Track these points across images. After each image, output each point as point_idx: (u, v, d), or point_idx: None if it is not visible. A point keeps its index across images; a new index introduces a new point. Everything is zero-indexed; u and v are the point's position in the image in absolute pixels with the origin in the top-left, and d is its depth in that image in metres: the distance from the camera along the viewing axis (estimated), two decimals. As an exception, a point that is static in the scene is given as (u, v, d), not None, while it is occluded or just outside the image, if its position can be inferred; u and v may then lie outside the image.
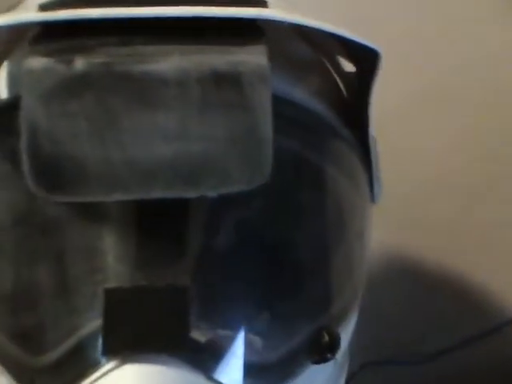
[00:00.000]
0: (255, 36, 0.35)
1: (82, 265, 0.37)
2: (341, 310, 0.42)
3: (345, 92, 0.46)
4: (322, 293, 0.41)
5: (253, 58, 0.33)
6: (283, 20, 0.35)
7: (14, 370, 0.38)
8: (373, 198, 0.46)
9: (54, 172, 0.33)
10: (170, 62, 0.33)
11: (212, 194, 0.34)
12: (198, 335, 0.36)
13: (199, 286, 0.36)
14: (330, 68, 0.47)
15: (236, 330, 0.37)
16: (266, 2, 0.36)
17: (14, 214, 0.38)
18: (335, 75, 0.47)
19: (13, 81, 0.41)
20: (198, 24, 0.34)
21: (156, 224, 0.36)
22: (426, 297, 0.72)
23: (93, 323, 0.36)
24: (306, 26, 0.35)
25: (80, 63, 0.32)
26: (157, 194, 0.33)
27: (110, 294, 0.35)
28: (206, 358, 0.36)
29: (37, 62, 0.33)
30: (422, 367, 0.69)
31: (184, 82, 0.33)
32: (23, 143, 0.32)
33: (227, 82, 0.33)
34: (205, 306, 0.36)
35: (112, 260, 0.36)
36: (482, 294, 0.73)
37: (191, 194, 0.34)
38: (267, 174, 0.33)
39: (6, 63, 0.42)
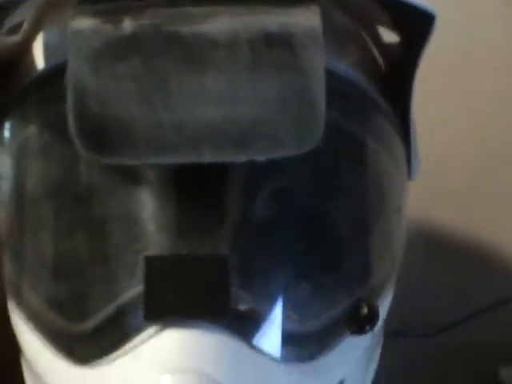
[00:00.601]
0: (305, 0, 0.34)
1: (123, 233, 0.37)
2: (379, 282, 0.41)
3: (383, 64, 0.46)
4: (362, 265, 0.40)
5: (305, 19, 0.33)
6: None
7: (52, 337, 0.38)
8: (410, 175, 0.45)
9: (101, 133, 0.32)
10: (219, 23, 0.32)
11: (261, 158, 0.33)
12: (239, 303, 0.36)
13: (239, 255, 0.36)
14: (368, 39, 0.46)
15: (275, 299, 0.37)
16: None
17: (56, 182, 0.38)
18: (373, 47, 0.46)
19: (49, 50, 0.41)
20: None
21: (196, 191, 0.36)
22: (440, 267, 0.72)
23: (133, 290, 0.36)
24: None
25: (128, 24, 0.32)
26: (206, 157, 0.33)
27: (150, 261, 0.35)
28: (247, 325, 0.36)
29: (84, 23, 0.32)
30: (435, 339, 0.69)
31: (234, 43, 0.32)
32: (70, 104, 0.32)
33: (278, 43, 0.32)
34: (245, 275, 0.36)
35: (152, 228, 0.36)
36: (498, 264, 0.73)
37: (240, 157, 0.33)
38: (318, 137, 0.33)
39: (42, 33, 0.42)
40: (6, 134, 0.41)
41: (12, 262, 0.41)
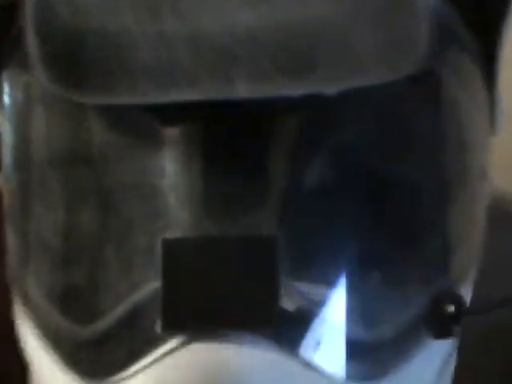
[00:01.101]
0: None
1: (137, 208, 0.29)
2: (463, 268, 0.33)
3: None
4: (443, 246, 0.32)
5: None
6: None
7: (56, 344, 0.32)
8: (494, 130, 0.36)
9: (76, 56, 0.24)
10: None
11: (330, 89, 0.24)
12: (288, 303, 0.28)
13: (289, 236, 0.28)
14: None
15: (336, 294, 0.29)
16: None
17: (59, 150, 0.31)
18: None
19: None
20: None
21: (229, 154, 0.28)
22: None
23: (149, 285, 0.28)
24: None
25: None
26: (241, 90, 0.24)
27: (170, 246, 0.27)
28: (300, 335, 0.28)
29: None
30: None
31: None
32: (30, 9, 0.23)
33: None
34: (296, 263, 0.28)
35: (173, 202, 0.28)
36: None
37: (296, 88, 0.24)
38: (420, 54, 0.24)
39: None
40: (6, 98, 0.34)
41: (15, 248, 0.35)
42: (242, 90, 0.23)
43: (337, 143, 0.29)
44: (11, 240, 0.35)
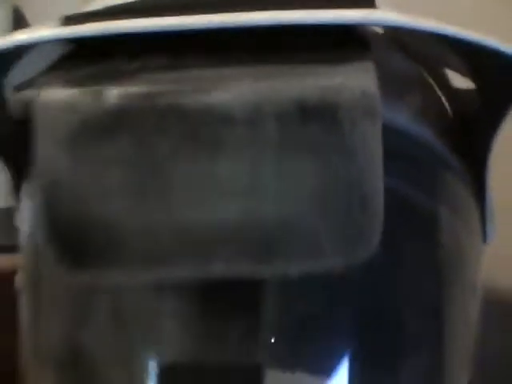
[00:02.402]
0: (356, 50, 0.26)
1: (134, 330, 0.30)
2: (455, 378, 0.34)
3: (450, 111, 0.38)
4: (430, 365, 0.33)
5: (355, 82, 0.25)
6: (406, 26, 0.26)
7: None
8: (485, 239, 0.37)
9: (80, 242, 0.25)
10: (236, 91, 0.24)
11: (293, 272, 0.25)
12: None
13: (277, 362, 0.29)
14: (433, 83, 0.39)
15: None
16: (373, 1, 0.27)
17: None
18: (439, 92, 0.39)
19: None
20: (273, 36, 0.26)
21: (222, 287, 0.28)
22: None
23: None
24: (431, 31, 0.27)
25: (113, 95, 0.24)
26: (217, 271, 0.25)
27: (165, 371, 0.29)
28: None
29: (55, 96, 0.25)
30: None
31: (256, 118, 0.24)
32: (39, 206, 0.25)
33: (317, 117, 0.24)
34: None
35: (169, 328, 0.29)
36: None
37: (264, 271, 0.26)
38: (374, 244, 0.25)
39: None
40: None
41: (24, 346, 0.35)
42: (218, 273, 0.25)
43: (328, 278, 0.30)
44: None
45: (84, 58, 0.26)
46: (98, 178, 0.25)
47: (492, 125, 0.32)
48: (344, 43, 0.26)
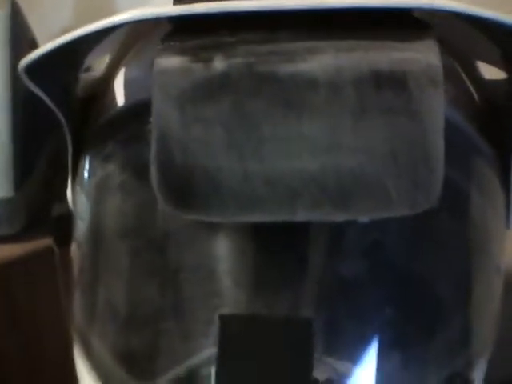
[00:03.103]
0: (422, 30, 0.30)
1: (198, 286, 0.34)
2: (477, 353, 0.37)
3: (479, 101, 0.42)
4: (460, 333, 0.36)
5: (421, 55, 0.29)
6: (464, 12, 0.30)
7: None
8: (508, 224, 0.41)
9: (184, 186, 0.29)
10: (320, 60, 0.29)
11: (365, 218, 0.30)
12: (320, 373, 0.32)
13: (323, 318, 0.32)
14: (464, 74, 0.42)
15: (363, 370, 0.33)
16: None
17: (132, 224, 0.36)
18: (469, 82, 0.42)
19: (130, 87, 0.39)
20: (352, 17, 0.30)
21: (277, 247, 0.33)
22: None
23: (207, 351, 0.33)
24: (482, 17, 0.30)
25: (218, 63, 0.29)
26: (300, 216, 0.29)
27: (225, 321, 0.32)
28: None
29: (171, 62, 0.29)
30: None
31: (337, 84, 0.28)
32: (154, 152, 0.29)
33: (390, 84, 0.28)
34: (328, 341, 0.33)
35: (229, 284, 0.33)
36: None
37: (340, 217, 0.29)
38: (435, 197, 0.29)
39: (122, 69, 0.40)
40: (85, 174, 0.39)
41: (82, 307, 0.39)
42: (301, 216, 0.29)
43: (369, 243, 0.34)
44: (78, 300, 0.39)
45: (191, 32, 0.30)
46: (202, 133, 0.29)
47: None
48: (408, 25, 0.30)
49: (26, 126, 0.62)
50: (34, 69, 0.31)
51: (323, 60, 0.29)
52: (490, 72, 0.41)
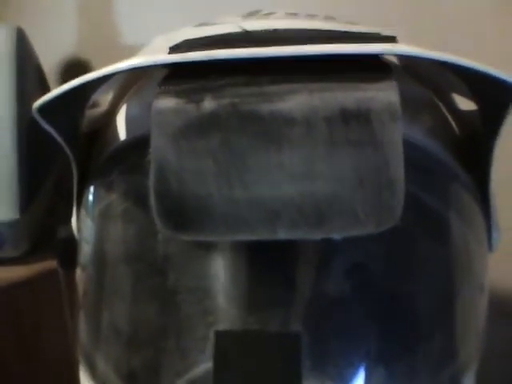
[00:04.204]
0: (383, 72, 0.33)
1: (195, 305, 0.36)
2: (462, 366, 0.39)
3: (457, 131, 0.44)
4: (444, 348, 0.38)
5: (382, 94, 0.32)
6: (420, 55, 0.33)
7: None
8: (490, 247, 0.43)
9: (180, 211, 0.32)
10: (297, 100, 0.32)
11: (337, 236, 0.33)
12: None
13: (311, 334, 0.35)
14: (442, 105, 0.45)
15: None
16: (394, 38, 0.35)
17: (134, 249, 0.39)
18: (447, 113, 0.45)
19: (131, 123, 0.42)
20: (323, 61, 0.33)
21: (268, 266, 0.35)
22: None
23: (204, 365, 0.35)
24: (445, 62, 0.33)
25: (208, 104, 0.32)
26: (280, 235, 0.32)
27: (221, 336, 0.35)
28: None
29: (167, 103, 0.32)
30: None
31: (311, 120, 0.32)
32: (152, 182, 0.32)
33: (356, 120, 0.32)
34: (316, 356, 0.35)
35: (223, 302, 0.36)
36: None
37: (316, 235, 0.32)
38: (397, 216, 0.32)
39: (124, 106, 0.43)
40: (90, 197, 0.42)
41: (87, 329, 0.41)
42: (281, 235, 0.32)
43: (352, 264, 0.36)
44: (82, 322, 0.41)
45: (184, 75, 0.34)
46: (195, 164, 0.32)
47: (490, 141, 0.38)
48: (371, 68, 0.34)
49: (33, 149, 0.64)
50: (45, 108, 0.35)
51: (299, 100, 0.32)
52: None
